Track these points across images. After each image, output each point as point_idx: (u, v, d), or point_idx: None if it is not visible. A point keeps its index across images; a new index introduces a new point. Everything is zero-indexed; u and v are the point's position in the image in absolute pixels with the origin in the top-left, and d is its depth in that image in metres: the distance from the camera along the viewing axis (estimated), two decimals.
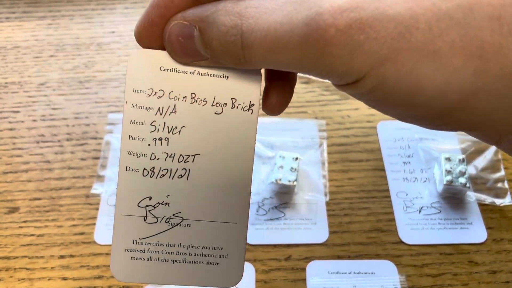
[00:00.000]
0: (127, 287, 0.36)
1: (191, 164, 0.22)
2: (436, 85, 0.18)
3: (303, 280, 0.37)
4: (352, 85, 0.19)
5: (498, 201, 0.40)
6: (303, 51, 0.18)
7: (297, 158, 0.41)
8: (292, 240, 0.39)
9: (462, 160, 0.40)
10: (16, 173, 0.43)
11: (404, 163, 0.43)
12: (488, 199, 0.40)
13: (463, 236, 0.39)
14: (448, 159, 0.40)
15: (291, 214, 0.40)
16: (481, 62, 0.17)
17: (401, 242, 0.39)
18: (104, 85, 0.49)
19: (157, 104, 0.22)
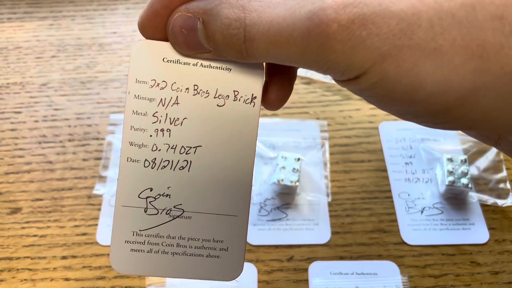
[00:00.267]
0: (130, 287, 0.36)
1: (193, 156, 0.22)
2: (436, 82, 0.18)
3: (305, 281, 0.37)
4: (353, 81, 0.19)
5: (500, 202, 0.40)
6: (305, 46, 0.18)
7: (299, 159, 0.41)
8: (294, 241, 0.39)
9: (464, 161, 0.40)
10: (18, 174, 0.43)
11: (406, 164, 0.43)
12: (490, 200, 0.40)
13: (465, 237, 0.39)
14: (450, 160, 0.40)
15: (293, 215, 0.40)
16: (482, 61, 0.17)
17: (403, 243, 0.39)
18: (106, 86, 0.49)
19: (160, 95, 0.22)
